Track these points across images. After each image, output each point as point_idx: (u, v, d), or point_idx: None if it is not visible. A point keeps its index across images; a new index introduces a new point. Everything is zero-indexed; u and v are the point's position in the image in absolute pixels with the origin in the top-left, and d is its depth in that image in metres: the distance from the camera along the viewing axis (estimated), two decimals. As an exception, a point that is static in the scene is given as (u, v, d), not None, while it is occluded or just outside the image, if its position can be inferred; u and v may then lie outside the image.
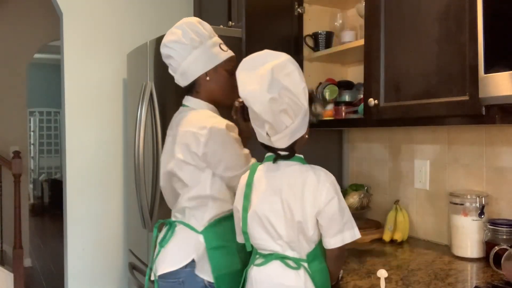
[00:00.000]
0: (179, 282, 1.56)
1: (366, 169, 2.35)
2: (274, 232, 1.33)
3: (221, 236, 1.57)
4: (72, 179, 2.91)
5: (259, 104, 1.27)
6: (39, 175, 9.52)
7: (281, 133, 1.31)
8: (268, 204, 1.34)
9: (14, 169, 4.02)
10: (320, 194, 1.29)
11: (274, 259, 1.34)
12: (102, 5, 2.97)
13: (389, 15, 1.73)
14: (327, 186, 1.30)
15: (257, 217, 1.36)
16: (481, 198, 1.72)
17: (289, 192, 1.31)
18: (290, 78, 1.29)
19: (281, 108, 1.28)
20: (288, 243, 1.32)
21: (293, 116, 1.30)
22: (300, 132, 1.34)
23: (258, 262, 1.38)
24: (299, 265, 1.31)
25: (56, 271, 5.12)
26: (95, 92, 2.95)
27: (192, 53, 1.61)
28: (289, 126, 1.30)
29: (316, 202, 1.29)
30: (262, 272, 1.36)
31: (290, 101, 1.28)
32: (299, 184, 1.31)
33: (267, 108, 1.27)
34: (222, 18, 2.65)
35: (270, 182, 1.36)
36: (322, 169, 1.35)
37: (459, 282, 1.46)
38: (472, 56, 1.40)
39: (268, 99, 1.26)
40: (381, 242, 1.98)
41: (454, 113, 1.49)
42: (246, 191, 1.40)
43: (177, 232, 1.62)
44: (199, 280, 1.55)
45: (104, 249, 2.98)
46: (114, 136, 3.02)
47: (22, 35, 5.17)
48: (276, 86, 1.26)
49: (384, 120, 1.76)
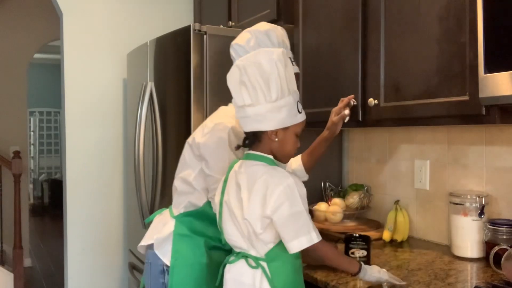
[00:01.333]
0: (148, 264, 1.66)
1: (366, 169, 2.35)
2: (240, 228, 1.35)
3: (191, 226, 1.61)
4: (72, 179, 2.91)
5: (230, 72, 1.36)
6: (39, 175, 9.53)
7: (240, 110, 1.35)
8: (236, 200, 1.37)
9: (14, 169, 4.02)
10: (270, 197, 1.29)
11: (241, 257, 1.37)
12: (102, 5, 2.97)
13: (389, 15, 1.73)
14: (280, 190, 1.28)
15: (228, 212, 1.39)
16: (481, 198, 1.72)
17: (245, 189, 1.33)
18: (270, 63, 1.31)
19: (241, 79, 1.32)
20: (249, 240, 1.34)
21: (253, 98, 1.32)
22: (261, 124, 1.34)
23: (230, 260, 1.42)
24: (257, 264, 1.33)
25: (56, 271, 5.11)
26: (95, 92, 2.95)
27: None
28: (247, 106, 1.33)
29: (265, 204, 1.29)
30: (231, 270, 1.40)
31: (255, 81, 1.31)
32: (253, 184, 1.32)
33: (231, 75, 1.35)
34: (222, 18, 2.65)
35: (236, 179, 1.38)
36: (283, 171, 1.34)
37: (459, 282, 1.46)
38: (472, 56, 1.40)
39: (234, 66, 1.34)
40: (381, 242, 1.98)
41: (454, 113, 1.49)
42: (223, 186, 1.43)
43: (163, 213, 1.73)
44: (160, 263, 1.61)
45: (104, 249, 2.98)
46: (114, 136, 3.02)
47: (22, 35, 5.17)
48: (249, 58, 1.33)
49: (384, 120, 1.76)
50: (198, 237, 1.60)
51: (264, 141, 1.39)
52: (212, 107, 2.04)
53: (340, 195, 2.28)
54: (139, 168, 2.42)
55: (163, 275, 1.61)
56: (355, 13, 1.86)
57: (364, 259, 1.56)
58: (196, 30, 2.03)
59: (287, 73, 1.35)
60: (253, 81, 1.32)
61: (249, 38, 1.64)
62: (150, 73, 2.43)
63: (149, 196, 2.43)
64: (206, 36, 2.04)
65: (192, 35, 2.02)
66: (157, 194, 2.36)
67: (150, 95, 2.38)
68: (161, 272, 1.62)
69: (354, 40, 1.86)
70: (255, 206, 1.30)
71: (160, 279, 1.62)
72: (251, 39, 1.63)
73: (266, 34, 1.64)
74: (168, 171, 2.27)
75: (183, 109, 2.09)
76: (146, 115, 2.40)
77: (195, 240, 1.60)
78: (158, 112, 2.34)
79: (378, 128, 2.25)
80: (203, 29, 2.04)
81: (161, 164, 2.31)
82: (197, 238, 1.60)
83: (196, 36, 2.03)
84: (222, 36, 2.08)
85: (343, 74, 1.91)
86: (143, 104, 2.38)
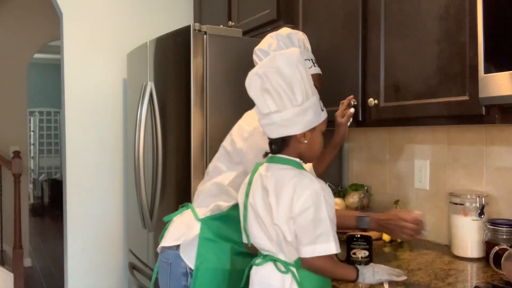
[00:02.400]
0: (168, 264, 1.65)
1: (366, 169, 2.35)
2: (268, 232, 1.34)
3: (217, 231, 1.60)
4: (72, 179, 2.91)
5: (248, 79, 1.34)
6: (39, 175, 9.53)
7: (266, 117, 1.32)
8: (263, 204, 1.35)
9: (14, 169, 4.03)
10: (297, 201, 1.27)
11: (269, 260, 1.35)
12: (102, 5, 2.97)
13: (389, 15, 1.73)
14: (307, 195, 1.26)
15: (254, 216, 1.37)
16: (481, 198, 1.72)
17: (273, 194, 1.31)
18: (291, 66, 1.29)
19: (264, 86, 1.29)
20: (278, 245, 1.32)
21: (279, 104, 1.30)
22: (292, 129, 1.32)
23: (257, 262, 1.40)
24: (287, 269, 1.31)
25: (56, 271, 5.11)
26: (95, 92, 2.95)
27: None
28: (273, 113, 1.30)
29: (292, 208, 1.27)
30: (258, 271, 1.38)
31: (278, 86, 1.29)
32: (280, 188, 1.30)
33: (251, 83, 1.32)
34: (222, 18, 2.65)
35: (263, 183, 1.36)
36: (311, 176, 1.32)
37: (459, 282, 1.45)
38: (472, 56, 1.40)
39: (253, 73, 1.30)
40: (381, 242, 1.98)
41: (454, 113, 1.49)
42: (247, 189, 1.42)
43: (184, 214, 1.70)
44: (182, 265, 1.60)
45: (104, 249, 2.98)
46: (114, 136, 3.02)
47: (22, 35, 5.17)
48: (268, 64, 1.30)
49: (384, 120, 1.76)
50: (223, 242, 1.60)
51: (292, 145, 1.36)
52: (212, 107, 2.04)
53: (340, 195, 2.28)
54: (139, 168, 2.42)
55: (186, 277, 1.60)
56: (355, 13, 1.86)
57: (366, 259, 1.55)
58: (196, 30, 2.03)
59: (307, 73, 1.34)
60: (276, 87, 1.29)
61: (271, 42, 1.66)
62: (150, 73, 2.43)
63: (149, 196, 2.43)
64: (206, 36, 2.04)
65: (192, 35, 2.02)
66: (157, 194, 2.36)
67: (150, 95, 2.38)
68: (184, 274, 1.60)
69: (354, 40, 1.86)
70: (283, 209, 1.28)
71: (183, 281, 1.60)
72: (272, 43, 1.65)
73: (288, 37, 1.66)
74: (168, 171, 2.27)
75: (183, 109, 2.09)
76: (146, 115, 2.40)
77: (221, 245, 1.59)
78: (158, 112, 2.34)
79: (378, 128, 2.25)
80: (203, 29, 2.04)
81: (161, 164, 2.31)
82: (222, 243, 1.60)
83: (196, 36, 2.03)
84: (222, 36, 2.08)
85: (343, 74, 1.91)
86: (143, 104, 2.38)
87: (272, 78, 1.29)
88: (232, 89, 2.07)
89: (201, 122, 2.03)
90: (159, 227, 2.33)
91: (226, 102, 2.07)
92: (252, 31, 2.41)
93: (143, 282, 2.46)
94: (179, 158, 2.15)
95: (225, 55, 2.06)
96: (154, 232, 2.40)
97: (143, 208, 2.43)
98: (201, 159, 2.03)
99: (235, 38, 2.10)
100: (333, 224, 1.28)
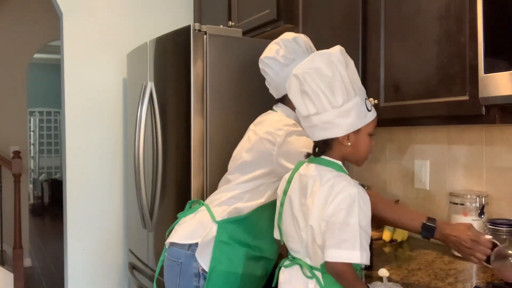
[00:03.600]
0: (178, 263, 1.62)
1: (366, 169, 2.35)
2: (300, 233, 1.32)
3: (232, 234, 1.60)
4: (72, 179, 2.91)
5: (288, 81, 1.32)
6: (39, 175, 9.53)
7: (306, 120, 1.30)
8: (299, 204, 1.33)
9: (14, 169, 4.03)
10: (331, 202, 1.23)
11: (296, 263, 1.35)
12: (102, 5, 2.96)
13: (389, 15, 1.73)
14: (342, 196, 1.22)
15: (290, 214, 1.36)
16: (481, 198, 1.72)
17: (309, 195, 1.29)
18: (330, 66, 1.26)
19: (303, 88, 1.26)
20: (306, 248, 1.31)
21: (318, 106, 1.27)
22: (333, 131, 1.28)
23: (285, 264, 1.39)
24: (312, 274, 1.29)
25: (56, 271, 5.11)
26: (95, 92, 2.95)
27: (284, 70, 1.66)
28: (312, 115, 1.28)
29: (325, 209, 1.24)
30: (285, 273, 1.37)
31: (316, 88, 1.26)
32: (318, 190, 1.27)
33: (289, 86, 1.30)
34: (222, 18, 2.65)
35: (301, 182, 1.34)
36: (349, 180, 1.27)
37: (459, 282, 1.45)
38: (472, 56, 1.40)
39: (292, 76, 1.27)
40: (381, 242, 1.98)
41: (454, 113, 1.49)
42: (286, 186, 1.40)
43: (199, 212, 1.68)
44: (194, 265, 1.59)
45: (104, 249, 2.98)
46: (114, 136, 3.02)
47: (22, 35, 5.18)
48: (306, 65, 1.27)
49: (384, 120, 1.76)
50: (238, 246, 1.60)
51: (335, 148, 1.31)
52: (212, 107, 2.04)
53: (340, 195, 2.27)
54: (139, 168, 2.42)
55: (198, 278, 1.59)
56: (355, 13, 1.86)
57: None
58: (196, 30, 2.03)
59: (349, 72, 1.28)
60: (314, 88, 1.26)
61: (277, 49, 1.66)
62: (150, 73, 2.43)
63: (149, 196, 2.43)
64: (206, 36, 2.04)
65: (192, 35, 2.02)
66: (157, 194, 2.36)
67: (150, 95, 2.38)
68: (196, 275, 1.60)
69: (354, 40, 1.86)
70: (317, 210, 1.26)
71: (194, 282, 1.60)
72: (280, 50, 1.66)
73: (294, 41, 1.67)
74: (168, 171, 2.27)
75: (183, 109, 2.09)
76: (146, 115, 2.40)
77: (235, 249, 1.59)
78: (158, 112, 2.34)
79: (378, 128, 2.23)
80: (203, 29, 2.04)
81: (161, 164, 2.31)
82: (237, 247, 1.60)
83: (196, 36, 2.03)
84: (222, 36, 2.08)
85: (343, 74, 1.91)
86: (143, 104, 2.38)
87: (310, 79, 1.27)
88: (232, 89, 2.07)
89: (201, 122, 2.03)
90: (159, 227, 2.33)
91: (226, 102, 2.07)
92: (252, 31, 2.41)
93: (143, 282, 2.46)
94: (179, 158, 2.15)
95: (225, 55, 2.06)
96: (154, 232, 2.40)
97: (143, 208, 2.43)
98: (201, 159, 2.03)
99: (235, 38, 2.10)
100: (364, 233, 1.22)
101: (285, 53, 1.65)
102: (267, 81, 1.77)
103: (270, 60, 1.68)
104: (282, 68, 1.67)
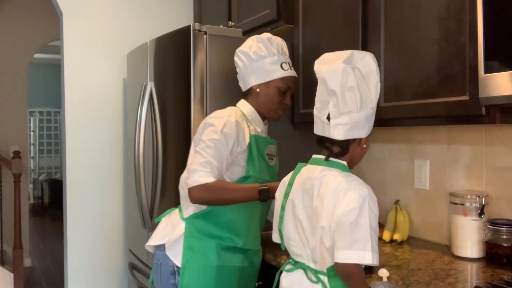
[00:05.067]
0: (158, 265, 1.70)
1: (366, 169, 2.35)
2: (304, 236, 1.31)
3: (201, 229, 1.64)
4: (72, 179, 2.91)
5: (330, 72, 1.26)
6: (39, 175, 9.53)
7: (342, 117, 1.26)
8: (302, 206, 1.32)
9: (14, 169, 4.03)
10: (342, 201, 1.22)
11: (299, 267, 1.34)
12: (102, 5, 2.96)
13: (389, 15, 1.73)
14: (353, 196, 1.22)
15: (292, 218, 1.35)
16: (481, 198, 1.72)
17: (317, 196, 1.28)
18: (366, 67, 1.30)
19: (350, 84, 1.25)
20: (312, 251, 1.30)
21: (359, 104, 1.27)
22: (359, 131, 1.29)
23: (287, 268, 1.39)
24: (318, 279, 1.29)
25: (56, 271, 5.12)
26: (95, 92, 2.95)
27: (252, 64, 1.76)
28: (352, 112, 1.26)
29: (336, 209, 1.23)
30: (288, 278, 1.37)
31: (361, 85, 1.27)
32: (326, 189, 1.26)
33: (338, 77, 1.24)
34: (222, 18, 2.65)
35: (305, 185, 1.33)
36: (359, 180, 1.28)
37: (459, 282, 1.45)
38: (472, 56, 1.40)
39: (341, 68, 1.25)
40: (381, 242, 1.98)
41: (454, 113, 1.49)
42: (286, 189, 1.39)
43: (172, 214, 1.76)
44: (170, 264, 1.64)
45: (104, 249, 2.98)
46: (114, 136, 3.02)
47: (22, 35, 5.18)
48: (351, 62, 1.28)
49: (384, 120, 1.76)
50: (209, 239, 1.63)
51: (351, 149, 1.32)
52: (212, 107, 2.04)
53: (340, 195, 2.27)
54: (139, 168, 2.42)
55: (174, 276, 1.64)
56: (355, 13, 1.86)
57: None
58: (196, 30, 2.03)
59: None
60: (361, 86, 1.28)
61: (251, 45, 1.77)
62: (150, 73, 2.43)
63: (149, 196, 2.43)
64: (206, 36, 2.04)
65: (192, 35, 2.02)
66: (157, 194, 2.36)
67: (150, 95, 2.38)
68: (172, 273, 1.65)
69: (354, 40, 1.86)
70: (327, 211, 1.24)
71: (171, 280, 1.65)
72: (253, 45, 1.76)
73: (268, 41, 1.77)
74: (168, 171, 2.27)
75: (183, 109, 2.09)
76: (146, 115, 2.40)
77: (206, 242, 1.63)
78: (158, 112, 2.34)
79: (378, 128, 2.25)
80: (203, 29, 2.04)
81: (161, 164, 2.31)
82: (208, 240, 1.63)
83: (196, 36, 2.03)
84: (222, 36, 2.08)
85: (343, 74, 1.91)
86: (143, 104, 2.38)
87: (361, 77, 1.28)
88: (232, 89, 2.07)
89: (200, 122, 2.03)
90: (159, 227, 2.33)
91: (226, 102, 2.07)
92: (252, 31, 2.41)
93: (143, 282, 2.46)
94: (179, 158, 2.15)
95: (225, 55, 2.06)
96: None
97: (143, 208, 2.43)
98: (201, 159, 2.03)
99: (235, 38, 2.10)
100: (374, 233, 1.22)
101: (256, 49, 1.74)
102: (238, 73, 1.85)
103: (242, 53, 1.78)
104: (251, 62, 1.76)
